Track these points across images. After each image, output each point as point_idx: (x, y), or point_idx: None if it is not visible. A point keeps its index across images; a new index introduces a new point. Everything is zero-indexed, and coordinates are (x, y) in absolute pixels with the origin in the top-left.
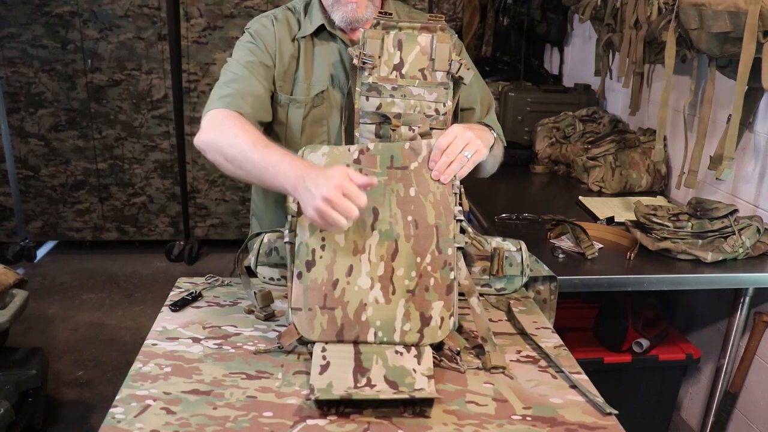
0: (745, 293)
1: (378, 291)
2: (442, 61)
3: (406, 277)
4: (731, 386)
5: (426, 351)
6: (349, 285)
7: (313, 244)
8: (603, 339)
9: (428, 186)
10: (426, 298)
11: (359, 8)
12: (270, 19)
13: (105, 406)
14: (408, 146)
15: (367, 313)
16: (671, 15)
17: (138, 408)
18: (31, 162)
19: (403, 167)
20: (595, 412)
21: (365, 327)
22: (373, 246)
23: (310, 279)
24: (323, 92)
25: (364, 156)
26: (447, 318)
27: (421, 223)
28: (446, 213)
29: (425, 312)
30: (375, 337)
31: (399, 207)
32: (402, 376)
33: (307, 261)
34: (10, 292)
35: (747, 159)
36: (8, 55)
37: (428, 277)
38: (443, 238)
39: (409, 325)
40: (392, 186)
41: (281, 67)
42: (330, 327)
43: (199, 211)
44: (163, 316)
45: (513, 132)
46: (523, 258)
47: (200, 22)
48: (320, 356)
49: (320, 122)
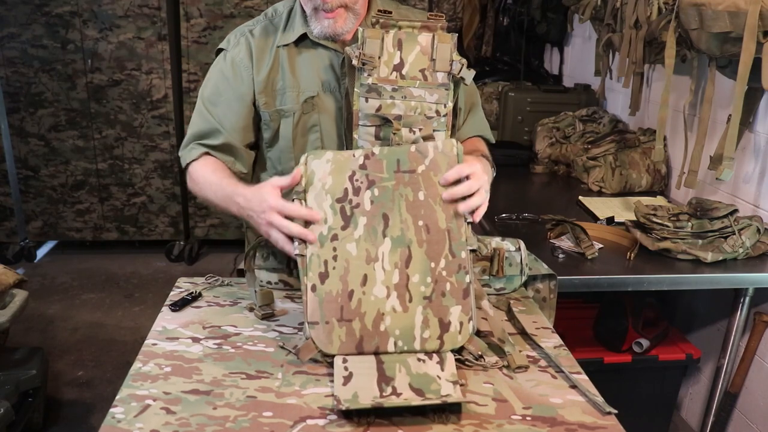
0: (745, 293)
1: (395, 299)
2: (444, 62)
3: (421, 283)
4: (731, 386)
5: (448, 357)
6: (365, 295)
7: (324, 255)
8: (603, 339)
9: (437, 189)
10: (443, 303)
11: (337, 23)
12: (246, 36)
13: (105, 406)
14: (414, 149)
15: (386, 322)
16: (671, 15)
17: (138, 408)
18: (31, 162)
19: (411, 171)
20: (595, 412)
21: (384, 337)
22: (386, 253)
23: (324, 291)
24: (313, 98)
25: (370, 161)
26: (466, 322)
27: (432, 227)
28: (456, 216)
29: (444, 318)
30: (395, 347)
31: (409, 212)
32: (427, 383)
33: (320, 273)
34: (10, 292)
35: (747, 159)
36: (8, 55)
37: (444, 281)
38: (455, 241)
39: (429, 332)
40: (401, 190)
41: (262, 85)
42: (349, 339)
43: (199, 211)
44: (163, 316)
45: (513, 132)
46: (522, 257)
47: (200, 22)
48: (342, 367)
49: (311, 129)
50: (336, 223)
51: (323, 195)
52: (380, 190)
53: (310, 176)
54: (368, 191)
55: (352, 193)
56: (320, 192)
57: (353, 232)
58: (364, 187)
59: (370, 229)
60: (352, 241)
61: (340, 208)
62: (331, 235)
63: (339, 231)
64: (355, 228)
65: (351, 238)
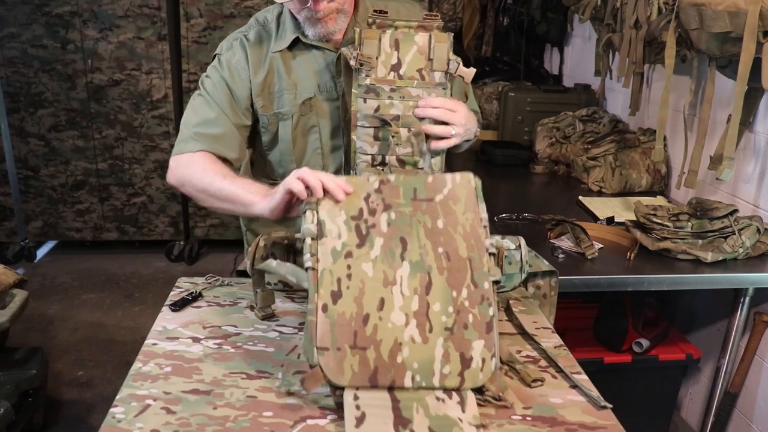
0: (745, 293)
1: (414, 328)
2: (441, 61)
3: (443, 312)
4: (731, 386)
5: (469, 396)
6: (381, 321)
7: (338, 272)
8: (603, 339)
9: (457, 218)
10: (465, 336)
11: (329, 24)
12: (240, 40)
13: (105, 406)
14: (431, 179)
15: (403, 353)
16: (671, 15)
17: (138, 408)
18: (31, 162)
19: (428, 199)
20: (595, 412)
21: (401, 370)
22: (404, 277)
23: (337, 313)
24: (310, 99)
25: (386, 186)
26: (488, 359)
27: (452, 255)
28: (477, 246)
29: (465, 352)
30: (412, 382)
31: (428, 238)
32: (448, 426)
33: (332, 291)
34: (10, 292)
35: (747, 159)
36: (8, 55)
37: (466, 313)
38: (477, 271)
39: (449, 367)
40: (419, 217)
41: (259, 88)
42: (362, 370)
43: (199, 211)
44: (163, 316)
45: (513, 132)
46: (522, 255)
47: (200, 22)
48: (353, 406)
49: (311, 130)
50: (351, 240)
51: (337, 210)
52: (397, 215)
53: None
54: (384, 213)
55: (368, 213)
56: (333, 207)
57: (369, 252)
58: (380, 209)
59: (387, 250)
60: (368, 261)
61: (355, 225)
62: (346, 251)
63: (354, 248)
64: (371, 248)
65: (367, 258)
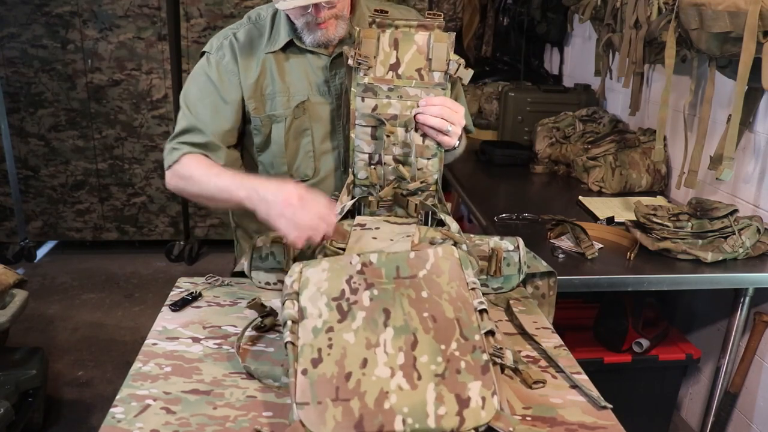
0: (745, 293)
1: (401, 378)
2: (440, 61)
3: (431, 362)
4: (731, 386)
5: None
6: (365, 376)
7: (318, 344)
8: (603, 339)
9: (441, 288)
10: (459, 380)
11: (329, 31)
12: (229, 39)
13: (105, 406)
14: (414, 255)
15: (391, 400)
16: (671, 15)
17: (138, 408)
18: (31, 162)
19: (412, 276)
20: (595, 412)
21: (390, 415)
22: (388, 340)
23: (317, 374)
24: (304, 102)
25: (368, 268)
26: (489, 397)
27: (439, 317)
28: (465, 306)
29: (461, 393)
30: (404, 425)
31: (412, 306)
32: None
33: (312, 359)
34: (10, 292)
35: (747, 159)
36: (8, 55)
37: (457, 360)
38: (466, 327)
39: (444, 408)
40: (402, 291)
41: (251, 90)
42: (346, 419)
43: (199, 210)
44: (163, 316)
45: (513, 132)
46: (520, 256)
47: (200, 22)
48: None
49: (303, 133)
50: (332, 317)
51: (318, 295)
52: (380, 291)
53: (305, 282)
54: (367, 291)
55: (350, 292)
56: (315, 293)
57: (351, 324)
58: (362, 288)
59: (369, 320)
60: (350, 331)
61: (337, 305)
62: (326, 327)
63: (335, 324)
64: (353, 320)
65: (348, 329)
